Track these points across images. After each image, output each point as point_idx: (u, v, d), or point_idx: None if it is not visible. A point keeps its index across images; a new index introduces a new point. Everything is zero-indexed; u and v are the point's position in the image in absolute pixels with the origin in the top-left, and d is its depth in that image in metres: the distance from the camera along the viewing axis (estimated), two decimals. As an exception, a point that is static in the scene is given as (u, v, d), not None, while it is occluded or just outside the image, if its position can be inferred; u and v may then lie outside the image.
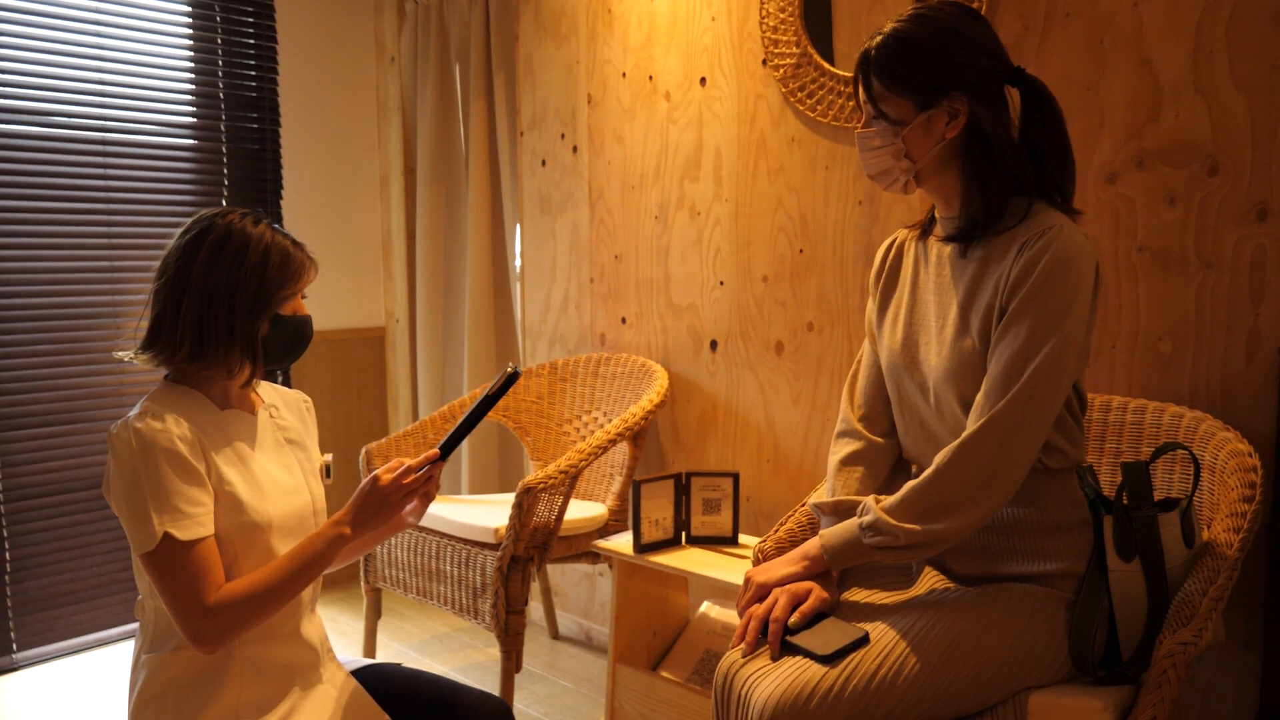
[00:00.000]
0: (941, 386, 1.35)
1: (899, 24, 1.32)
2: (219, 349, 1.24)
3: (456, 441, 1.35)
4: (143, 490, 1.17)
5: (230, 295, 1.23)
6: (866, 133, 1.36)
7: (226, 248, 1.24)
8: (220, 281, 1.23)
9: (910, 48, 1.30)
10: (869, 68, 1.33)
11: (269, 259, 1.25)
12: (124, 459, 1.18)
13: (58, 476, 2.85)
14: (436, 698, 1.38)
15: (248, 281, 1.24)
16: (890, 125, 1.33)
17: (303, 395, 1.48)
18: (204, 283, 1.23)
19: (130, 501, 1.18)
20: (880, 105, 1.33)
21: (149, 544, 1.16)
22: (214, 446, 1.25)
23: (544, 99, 2.93)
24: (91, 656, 2.87)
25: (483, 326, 3.22)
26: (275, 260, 1.26)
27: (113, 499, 1.21)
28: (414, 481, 1.30)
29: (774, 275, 2.35)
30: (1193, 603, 1.25)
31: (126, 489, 1.18)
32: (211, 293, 1.23)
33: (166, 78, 3.03)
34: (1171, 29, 1.69)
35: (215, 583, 1.19)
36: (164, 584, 1.17)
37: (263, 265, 1.24)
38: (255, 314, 1.25)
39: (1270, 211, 1.61)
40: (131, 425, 1.19)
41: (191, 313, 1.23)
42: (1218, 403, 1.67)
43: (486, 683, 2.62)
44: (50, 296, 2.83)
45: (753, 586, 1.37)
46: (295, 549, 1.25)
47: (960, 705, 1.24)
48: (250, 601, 1.19)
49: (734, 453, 2.48)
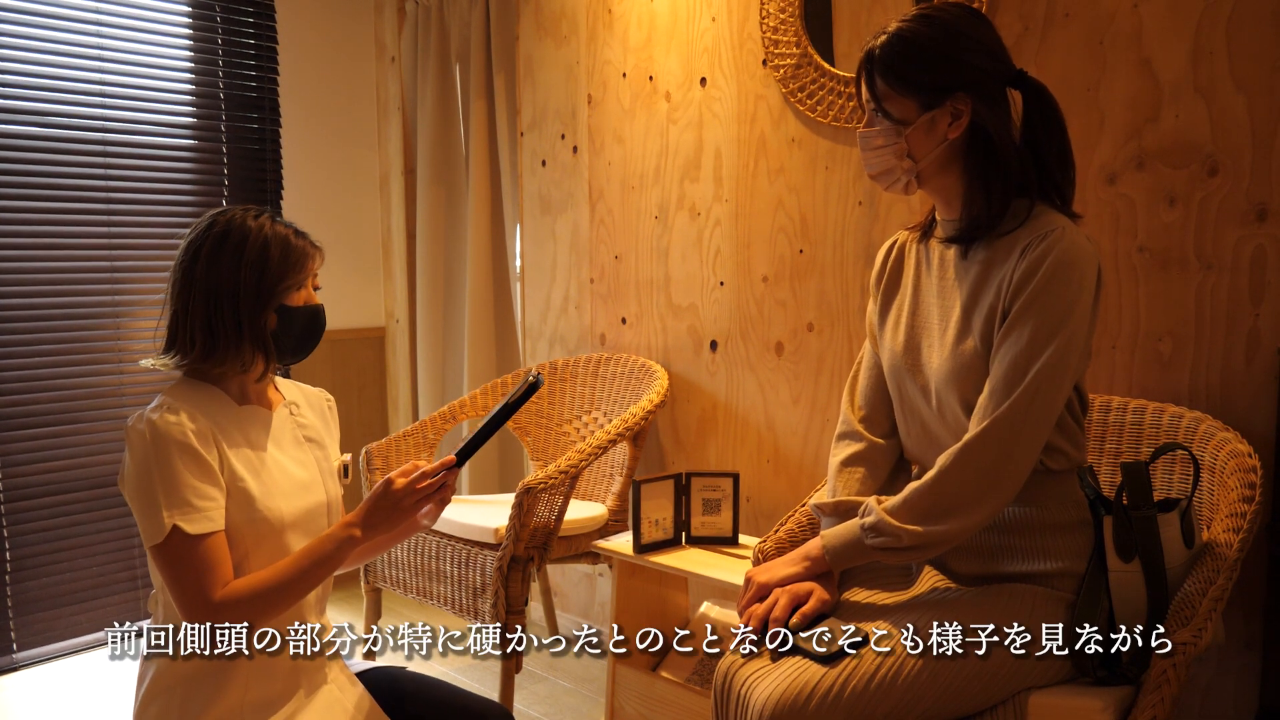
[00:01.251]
0: (943, 388, 1.35)
1: (903, 23, 1.32)
2: (229, 345, 1.25)
3: (474, 448, 1.35)
4: (154, 482, 1.17)
5: (234, 290, 1.24)
6: (869, 132, 1.36)
7: (227, 244, 1.25)
8: (222, 277, 1.24)
9: (914, 47, 1.29)
10: (873, 67, 1.33)
11: (268, 250, 1.26)
12: (138, 451, 1.19)
13: (58, 476, 2.85)
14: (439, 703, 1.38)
15: (249, 275, 1.24)
16: (893, 125, 1.32)
17: (325, 394, 1.48)
18: (207, 280, 1.24)
19: (142, 493, 1.18)
20: (883, 104, 1.33)
21: (158, 536, 1.16)
22: (229, 441, 1.25)
23: (544, 99, 2.93)
24: (91, 656, 2.87)
25: (483, 326, 3.22)
26: (275, 251, 1.26)
27: (126, 491, 1.22)
28: (428, 487, 1.30)
29: (774, 275, 2.35)
30: (1193, 603, 1.25)
31: (138, 480, 1.18)
32: (215, 289, 1.24)
33: (166, 78, 3.03)
34: (1171, 29, 1.69)
35: (223, 578, 1.19)
36: (172, 577, 1.17)
37: (263, 257, 1.25)
38: (260, 306, 1.26)
39: (1270, 211, 1.61)
40: (147, 417, 1.20)
41: (199, 311, 1.24)
42: (1218, 403, 1.67)
43: (486, 683, 2.62)
44: (50, 296, 2.82)
45: (754, 586, 1.37)
46: (305, 549, 1.25)
47: (960, 705, 1.24)
48: (256, 599, 1.19)
49: (734, 453, 2.48)
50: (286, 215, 3.32)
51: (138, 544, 3.00)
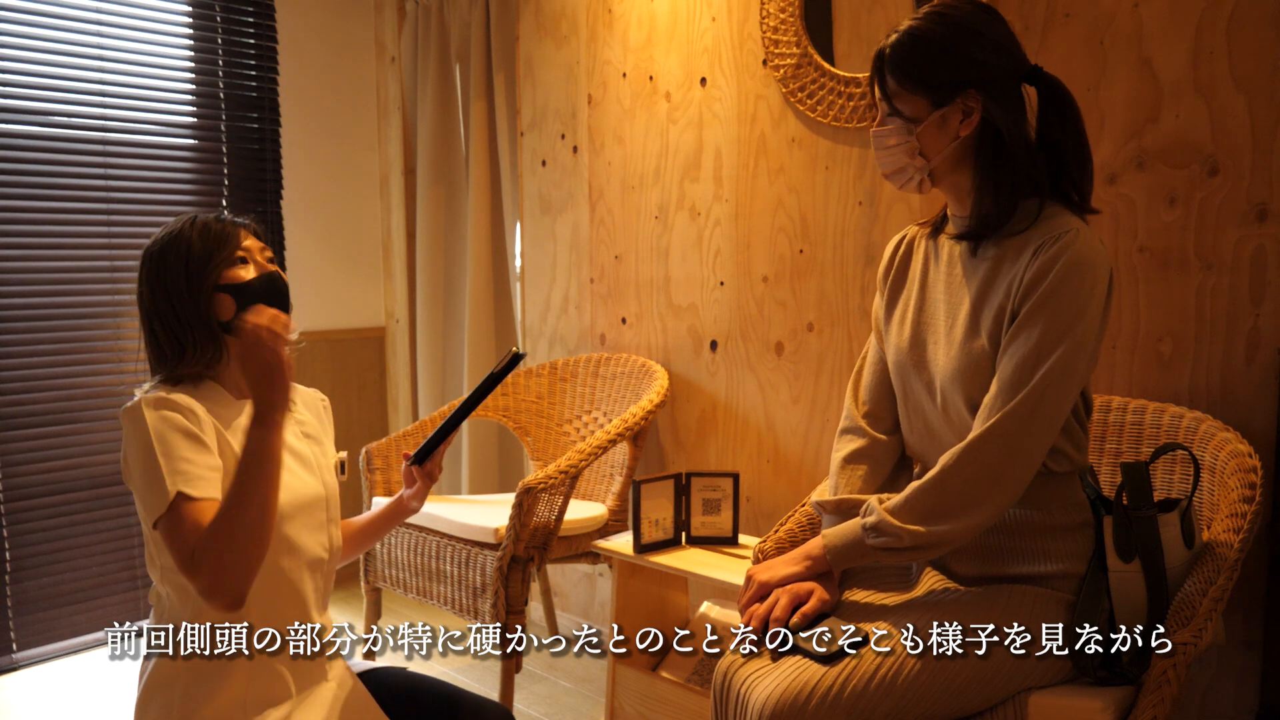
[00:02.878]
0: (949, 386, 1.34)
1: (914, 21, 1.31)
2: (195, 341, 1.27)
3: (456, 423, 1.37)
4: (154, 457, 1.18)
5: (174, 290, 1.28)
6: (881, 131, 1.35)
7: (154, 256, 1.30)
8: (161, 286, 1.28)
9: (925, 44, 1.29)
10: (884, 64, 1.33)
11: (188, 242, 1.29)
12: (139, 433, 1.20)
13: (58, 476, 2.85)
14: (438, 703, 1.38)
15: (178, 271, 1.28)
16: (905, 123, 1.32)
17: (320, 394, 1.50)
18: (152, 296, 1.29)
19: (144, 468, 1.18)
20: (895, 102, 1.32)
21: (162, 505, 1.15)
22: (230, 430, 1.27)
23: (544, 99, 2.93)
24: (91, 656, 2.87)
25: (483, 326, 3.22)
26: (195, 240, 1.29)
27: (129, 473, 1.22)
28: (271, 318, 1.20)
29: (774, 275, 2.35)
30: (1193, 603, 1.25)
31: (142, 460, 1.19)
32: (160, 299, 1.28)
33: (167, 78, 3.03)
34: (1171, 29, 1.69)
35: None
36: (176, 546, 1.15)
37: (184, 250, 1.28)
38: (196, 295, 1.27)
39: (1270, 211, 1.61)
40: (144, 400, 1.21)
41: (159, 327, 1.28)
42: (1218, 403, 1.67)
43: (486, 683, 2.62)
44: (50, 296, 2.82)
45: (754, 585, 1.37)
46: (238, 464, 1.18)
47: (960, 705, 1.24)
48: (219, 532, 1.12)
49: (734, 453, 2.48)
50: (286, 215, 3.33)
51: (138, 544, 3.00)
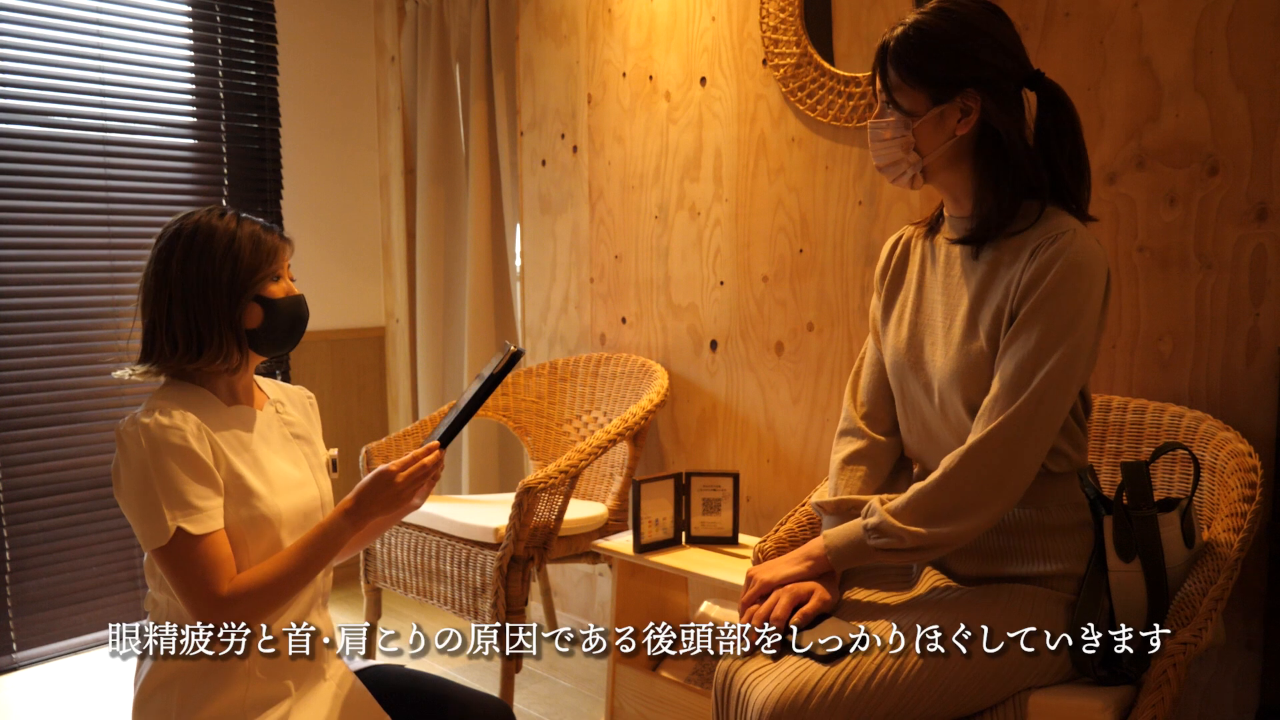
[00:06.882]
0: (947, 388, 1.34)
1: (921, 15, 1.31)
2: (214, 342, 1.25)
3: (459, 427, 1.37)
4: (154, 488, 1.17)
5: (212, 286, 1.25)
6: (879, 123, 1.35)
7: (195, 243, 1.26)
8: (198, 276, 1.25)
9: (929, 39, 1.29)
10: (887, 56, 1.32)
11: (238, 243, 1.27)
12: (133, 457, 1.19)
13: (58, 476, 2.85)
14: (438, 699, 1.38)
15: (222, 269, 1.25)
16: (902, 117, 1.32)
17: (306, 391, 1.50)
18: (183, 282, 1.25)
19: (141, 499, 1.18)
20: (894, 96, 1.32)
21: (161, 539, 1.17)
22: (223, 441, 1.26)
23: (544, 99, 2.93)
24: (91, 656, 2.87)
25: (483, 326, 3.22)
26: (246, 245, 1.27)
27: (121, 496, 1.21)
28: (419, 469, 1.32)
29: (774, 275, 2.35)
30: (1193, 603, 1.25)
31: (137, 486, 1.18)
32: (192, 289, 1.24)
33: (167, 78, 3.03)
34: (1171, 29, 1.69)
35: (228, 574, 1.20)
36: (178, 578, 1.18)
37: (233, 251, 1.26)
38: (236, 299, 1.26)
39: (1270, 211, 1.61)
40: (140, 422, 1.20)
41: (179, 314, 1.25)
42: (1218, 403, 1.67)
43: (486, 682, 2.62)
44: (50, 296, 2.82)
45: (755, 584, 1.37)
46: (304, 539, 1.26)
47: (960, 705, 1.24)
48: (263, 592, 1.20)
49: (734, 453, 2.48)
50: (286, 215, 3.33)
51: (137, 545, 3.00)
